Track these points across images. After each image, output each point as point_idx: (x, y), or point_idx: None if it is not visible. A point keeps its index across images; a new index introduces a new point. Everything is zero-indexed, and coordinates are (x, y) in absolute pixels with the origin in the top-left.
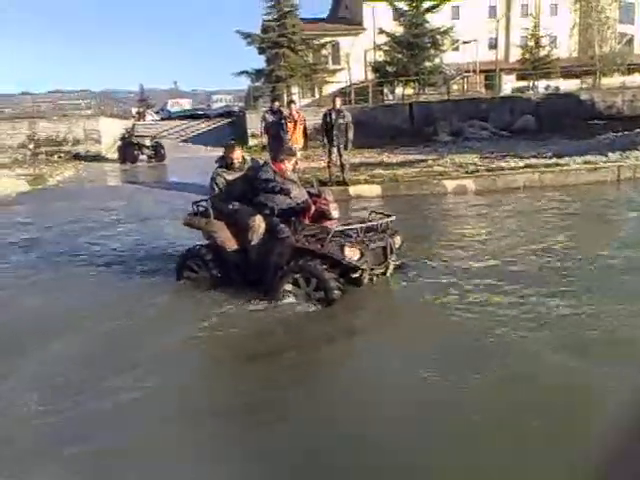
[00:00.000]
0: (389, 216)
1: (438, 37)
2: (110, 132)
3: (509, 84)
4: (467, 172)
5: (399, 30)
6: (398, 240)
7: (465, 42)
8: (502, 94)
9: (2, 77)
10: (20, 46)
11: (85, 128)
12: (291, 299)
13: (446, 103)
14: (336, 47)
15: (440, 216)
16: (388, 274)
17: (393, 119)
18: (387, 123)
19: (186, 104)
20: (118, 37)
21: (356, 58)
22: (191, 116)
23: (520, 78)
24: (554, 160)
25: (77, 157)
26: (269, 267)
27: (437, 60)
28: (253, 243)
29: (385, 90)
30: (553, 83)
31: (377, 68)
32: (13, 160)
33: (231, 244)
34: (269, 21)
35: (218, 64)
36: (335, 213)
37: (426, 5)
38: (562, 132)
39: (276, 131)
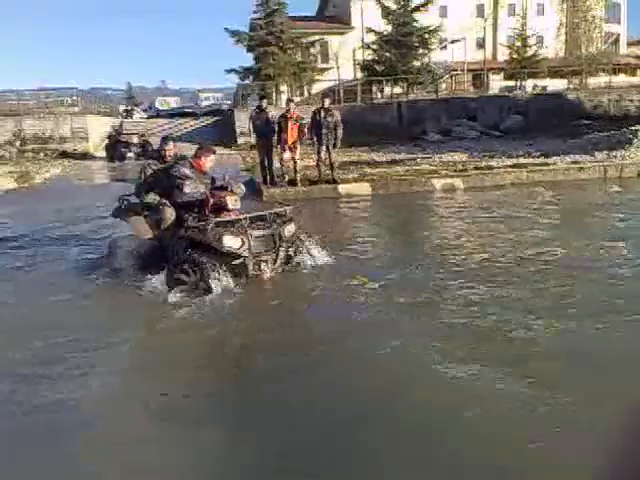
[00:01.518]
0: (285, 207)
1: (426, 36)
2: (97, 130)
3: (497, 83)
4: (455, 170)
5: (387, 29)
6: (291, 228)
7: (453, 41)
8: (490, 93)
9: None
10: (1, 41)
11: (72, 126)
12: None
13: (435, 102)
14: (325, 46)
15: (425, 214)
16: (279, 262)
17: (382, 118)
18: (376, 122)
19: (174, 102)
20: (105, 34)
21: (345, 57)
22: (179, 114)
23: (508, 77)
24: (542, 159)
25: (64, 155)
26: (170, 257)
27: (425, 59)
28: (163, 233)
29: (374, 89)
30: (540, 83)
31: (366, 67)
32: None
33: (145, 234)
34: (257, 19)
35: (206, 62)
36: (231, 205)
37: (414, 4)
38: (550, 131)
39: (263, 128)
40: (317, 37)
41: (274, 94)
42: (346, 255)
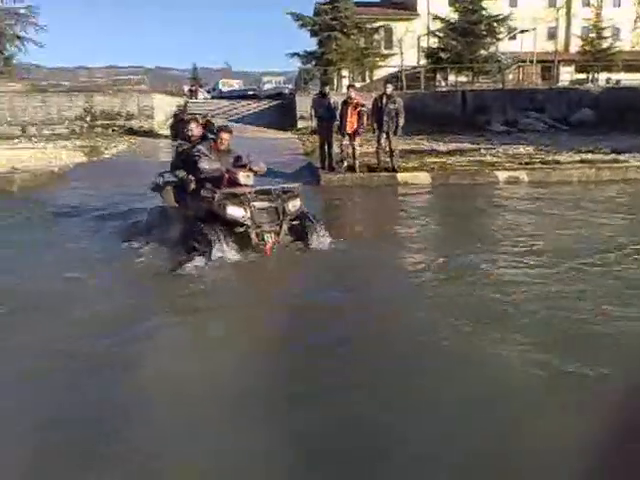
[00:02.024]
0: (295, 185)
1: (494, 25)
2: (163, 109)
3: (567, 75)
4: (520, 163)
5: (454, 16)
6: (296, 204)
7: (523, 31)
8: (560, 85)
9: (59, 50)
10: (77, 20)
11: (139, 104)
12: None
13: (500, 92)
14: (389, 32)
15: (487, 205)
16: (282, 234)
17: (445, 107)
18: (439, 110)
19: (237, 84)
20: (173, 16)
21: (409, 44)
22: (241, 96)
23: (579, 70)
24: (612, 156)
25: (130, 132)
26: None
27: (493, 48)
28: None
29: (438, 77)
30: (614, 76)
31: (430, 54)
32: (70, 131)
33: (172, 204)
34: (322, 4)
35: (269, 46)
36: (243, 180)
37: None
38: (623, 127)
39: (324, 114)
40: (382, 23)
41: (335, 79)
42: (388, 242)
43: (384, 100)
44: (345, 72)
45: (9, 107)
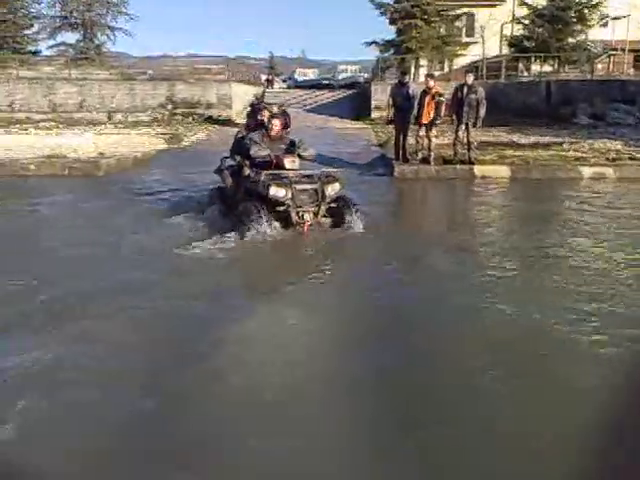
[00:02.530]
0: (337, 171)
1: (585, 11)
2: (240, 97)
3: None
4: (607, 159)
5: (542, 2)
6: (335, 187)
7: (615, 18)
8: None
9: (145, 39)
10: (162, 10)
11: (218, 92)
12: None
13: (588, 83)
14: (471, 19)
15: (570, 202)
16: (320, 214)
17: (527, 97)
18: (521, 101)
19: (312, 73)
20: (250, 7)
21: (492, 31)
22: (316, 85)
23: None
24: None
25: (209, 120)
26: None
27: (582, 36)
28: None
29: (520, 66)
30: None
31: (514, 43)
32: (153, 119)
33: (229, 184)
34: None
35: (345, 35)
36: (288, 165)
37: None
38: None
39: (402, 103)
40: (464, 10)
41: (413, 68)
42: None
43: (465, 90)
44: (423, 61)
45: (98, 94)
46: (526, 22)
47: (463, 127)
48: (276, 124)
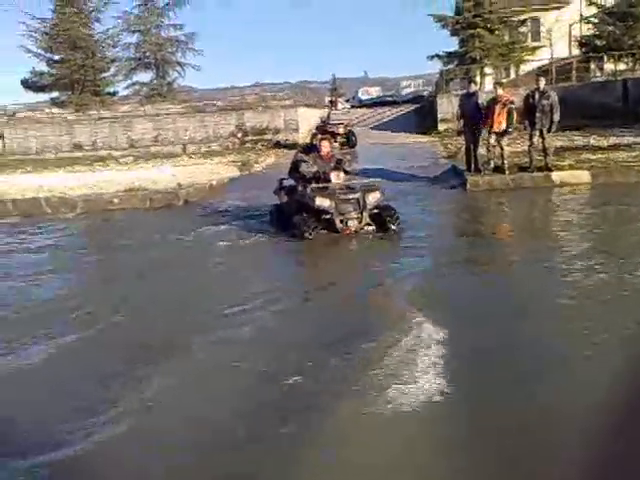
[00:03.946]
0: (376, 182)
1: None
2: (307, 121)
3: None
4: None
5: (610, 0)
6: (376, 195)
7: None
8: None
9: (210, 74)
10: (224, 44)
11: (285, 118)
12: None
13: None
14: (536, 23)
15: None
16: (363, 221)
17: (602, 98)
18: (595, 102)
19: (375, 91)
20: (309, 32)
21: (559, 33)
22: (380, 103)
23: None
24: None
25: (277, 145)
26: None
27: None
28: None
29: (592, 66)
30: None
31: (584, 43)
32: (224, 148)
33: (283, 200)
34: (464, 1)
35: (406, 51)
36: (334, 179)
37: None
38: None
39: (471, 113)
40: (529, 14)
41: (478, 77)
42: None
43: (536, 96)
44: (488, 69)
45: (172, 127)
46: (595, 21)
47: (537, 133)
48: (325, 145)
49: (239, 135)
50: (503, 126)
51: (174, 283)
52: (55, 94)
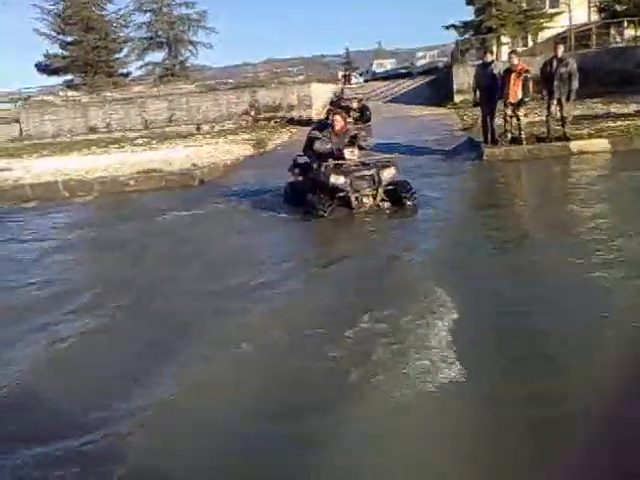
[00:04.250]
0: (391, 157)
1: None
2: (320, 97)
3: None
4: None
5: None
6: (391, 171)
7: None
8: None
9: (224, 50)
10: (236, 21)
11: (298, 94)
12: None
13: None
14: None
15: None
16: (378, 198)
17: (623, 64)
18: (615, 69)
19: (390, 64)
20: (321, 5)
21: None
22: (395, 75)
23: None
24: None
25: (291, 122)
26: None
27: None
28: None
29: (612, 32)
30: None
31: (604, 8)
32: (238, 126)
33: (297, 178)
34: None
35: (420, 21)
36: (348, 155)
37: None
38: None
39: (488, 84)
40: None
41: (495, 47)
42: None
43: (554, 63)
44: (505, 38)
45: (186, 107)
46: None
47: (555, 102)
48: (338, 120)
49: (252, 113)
50: (519, 96)
51: (208, 260)
52: (69, 77)
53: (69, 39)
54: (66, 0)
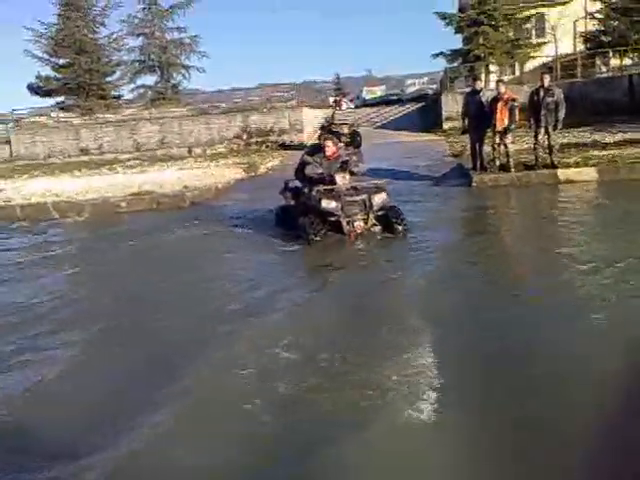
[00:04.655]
0: (380, 182)
1: None
2: (311, 122)
3: None
4: None
5: None
6: (382, 196)
7: None
8: None
9: (217, 75)
10: (227, 47)
11: (290, 119)
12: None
13: None
14: (541, 19)
15: None
16: (370, 222)
17: (608, 94)
18: (600, 98)
19: (380, 90)
20: (315, 30)
21: (564, 30)
22: (385, 102)
23: None
24: None
25: (282, 146)
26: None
27: None
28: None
29: (597, 62)
30: None
31: (589, 39)
32: (229, 150)
33: (289, 202)
34: None
35: (410, 49)
36: (339, 181)
37: None
38: None
39: (476, 111)
40: (533, 11)
41: (483, 75)
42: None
43: (541, 93)
44: (493, 67)
45: (178, 130)
46: (600, 16)
47: (542, 131)
48: (329, 145)
49: (244, 137)
50: (506, 124)
51: (199, 280)
52: (61, 98)
53: (61, 61)
54: (59, 23)
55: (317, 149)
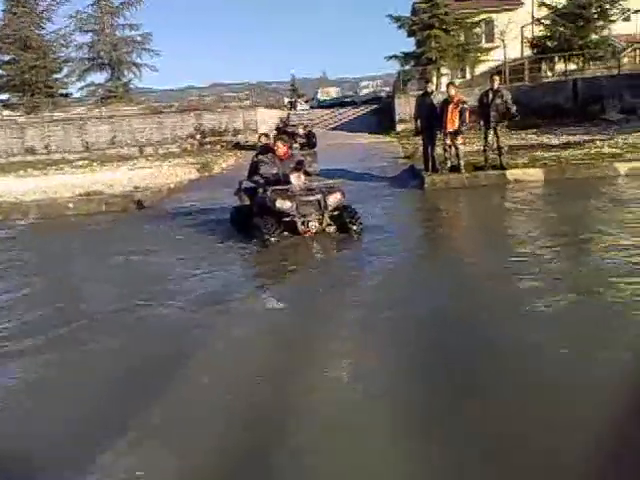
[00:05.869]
0: (336, 182)
1: (607, 6)
2: (266, 122)
3: None
4: None
5: (561, 1)
6: (337, 196)
7: (637, 11)
8: None
9: (169, 73)
10: (184, 44)
11: (244, 119)
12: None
13: (616, 78)
14: (490, 24)
15: (609, 203)
16: (325, 222)
17: (554, 97)
18: (546, 102)
19: (335, 92)
20: (270, 31)
21: (512, 35)
22: (339, 104)
23: None
24: None
25: (237, 146)
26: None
27: (605, 32)
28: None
29: (543, 67)
30: None
31: (536, 44)
32: (183, 149)
33: (244, 202)
34: (420, 3)
35: (364, 51)
36: (294, 180)
37: None
38: None
39: (428, 113)
40: (483, 16)
41: (435, 77)
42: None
43: (490, 95)
44: (445, 70)
45: (129, 129)
46: (547, 22)
47: (492, 132)
48: (280, 146)
49: (198, 136)
50: (456, 126)
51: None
52: (5, 96)
53: (6, 58)
54: (4, 19)
55: (267, 149)
